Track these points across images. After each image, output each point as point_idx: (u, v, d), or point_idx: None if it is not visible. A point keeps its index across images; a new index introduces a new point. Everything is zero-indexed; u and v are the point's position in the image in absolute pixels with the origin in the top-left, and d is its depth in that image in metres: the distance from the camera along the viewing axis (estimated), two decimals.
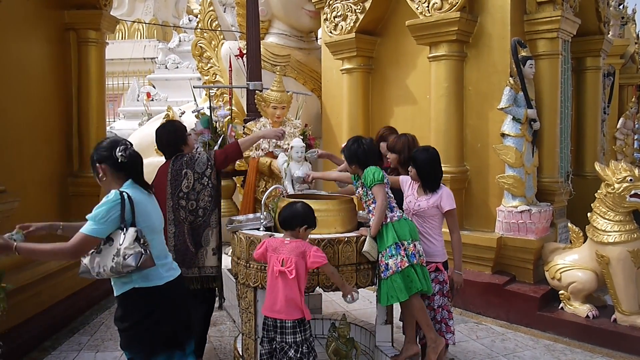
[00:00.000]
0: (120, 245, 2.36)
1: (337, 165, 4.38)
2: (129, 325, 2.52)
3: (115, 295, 2.58)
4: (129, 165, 2.53)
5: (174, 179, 3.55)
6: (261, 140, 4.95)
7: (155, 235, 2.57)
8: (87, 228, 2.38)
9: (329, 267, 2.96)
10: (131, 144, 2.58)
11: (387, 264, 3.11)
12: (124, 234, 2.38)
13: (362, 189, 3.29)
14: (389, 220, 3.17)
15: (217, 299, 3.90)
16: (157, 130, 3.76)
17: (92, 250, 2.42)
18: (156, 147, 7.00)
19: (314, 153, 4.44)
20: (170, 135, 3.69)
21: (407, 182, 3.55)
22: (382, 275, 3.14)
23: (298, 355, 2.87)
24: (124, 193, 2.44)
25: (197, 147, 5.11)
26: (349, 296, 3.04)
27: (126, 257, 2.34)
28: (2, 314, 2.48)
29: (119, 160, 2.49)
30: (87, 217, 2.42)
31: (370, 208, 3.24)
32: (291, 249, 2.89)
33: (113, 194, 2.45)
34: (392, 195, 3.29)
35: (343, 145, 3.48)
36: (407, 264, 3.08)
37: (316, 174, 4.10)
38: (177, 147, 3.67)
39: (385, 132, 4.43)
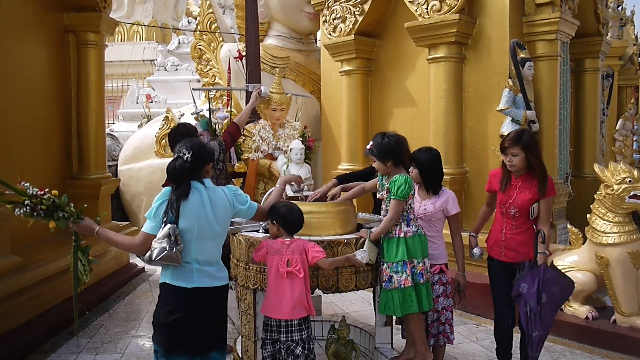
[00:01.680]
0: (156, 238, 2.51)
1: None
2: (154, 315, 2.63)
3: None
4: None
5: None
6: (261, 142, 4.97)
7: (201, 241, 2.58)
8: (145, 226, 2.59)
9: (327, 260, 2.97)
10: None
11: (390, 277, 3.08)
12: (162, 229, 2.51)
13: (386, 193, 3.19)
14: (402, 234, 3.10)
15: None
16: (169, 133, 3.96)
17: None
18: (155, 149, 7.01)
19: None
20: (183, 137, 3.77)
21: None
22: (384, 285, 3.12)
23: (305, 352, 2.92)
24: (174, 193, 2.55)
25: None
26: (359, 258, 3.01)
27: (152, 249, 2.49)
28: (85, 283, 2.90)
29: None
30: (145, 215, 2.62)
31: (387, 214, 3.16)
32: (294, 248, 2.91)
33: (163, 191, 2.60)
34: (413, 207, 3.22)
35: (367, 146, 3.31)
36: (410, 284, 3.03)
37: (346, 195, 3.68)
38: None
39: None
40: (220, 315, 2.75)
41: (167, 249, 2.46)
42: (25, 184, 2.61)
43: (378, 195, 3.30)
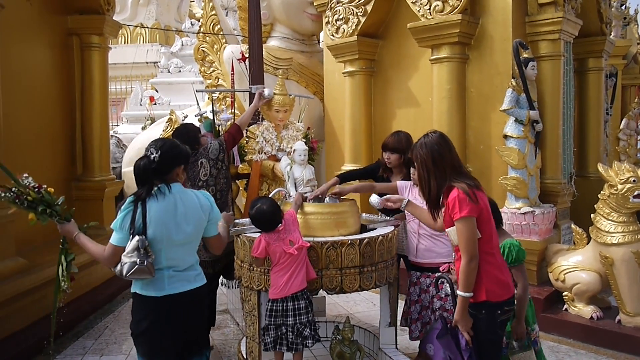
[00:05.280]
0: (125, 252, 2.39)
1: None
2: (130, 325, 2.56)
3: None
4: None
5: (190, 171, 3.88)
6: (264, 143, 4.97)
7: (171, 248, 2.47)
8: (112, 237, 2.47)
9: (295, 209, 3.23)
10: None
11: (507, 343, 2.95)
12: (130, 241, 2.39)
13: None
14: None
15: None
16: (172, 134, 4.10)
17: None
18: None
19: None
20: (183, 137, 3.89)
21: (405, 188, 3.52)
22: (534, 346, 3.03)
23: (312, 333, 3.04)
24: (139, 200, 2.43)
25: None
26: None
27: (122, 264, 2.38)
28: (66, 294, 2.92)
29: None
30: (111, 226, 2.49)
31: None
32: (287, 227, 3.05)
33: (127, 201, 2.46)
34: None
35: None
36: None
37: (347, 188, 3.67)
38: (190, 148, 3.88)
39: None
40: (198, 318, 2.63)
41: (138, 263, 2.33)
42: (25, 175, 2.70)
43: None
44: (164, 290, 2.46)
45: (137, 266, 2.34)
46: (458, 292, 2.60)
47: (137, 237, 2.37)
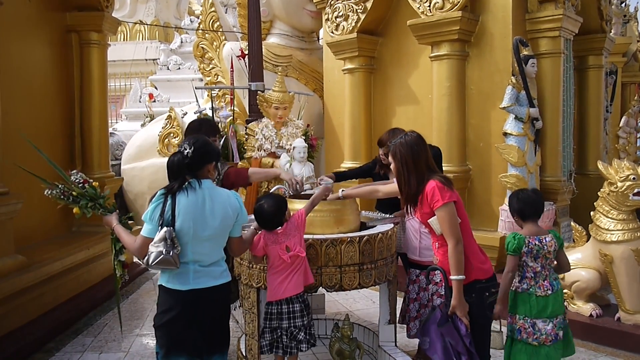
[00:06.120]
0: (152, 242, 2.46)
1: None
2: (155, 317, 2.60)
3: None
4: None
5: None
6: (263, 141, 4.96)
7: (198, 242, 2.51)
8: (143, 229, 2.54)
9: (307, 209, 3.09)
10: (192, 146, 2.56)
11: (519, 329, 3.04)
12: (158, 232, 2.46)
13: None
14: (514, 288, 3.09)
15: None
16: (186, 128, 3.90)
17: None
18: (158, 148, 6.99)
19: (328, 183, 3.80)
20: (193, 132, 3.69)
21: None
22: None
23: (307, 337, 3.00)
24: (169, 193, 2.49)
25: None
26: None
27: (149, 253, 2.45)
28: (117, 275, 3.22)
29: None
30: (142, 217, 2.56)
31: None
32: (287, 231, 2.98)
33: (157, 193, 2.53)
34: (531, 265, 3.06)
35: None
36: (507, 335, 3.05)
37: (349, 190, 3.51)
38: None
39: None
40: (221, 315, 2.66)
41: (164, 252, 2.40)
42: (74, 171, 2.98)
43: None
44: (189, 284, 2.51)
45: (162, 256, 2.41)
46: (451, 277, 2.74)
47: (165, 228, 2.44)
